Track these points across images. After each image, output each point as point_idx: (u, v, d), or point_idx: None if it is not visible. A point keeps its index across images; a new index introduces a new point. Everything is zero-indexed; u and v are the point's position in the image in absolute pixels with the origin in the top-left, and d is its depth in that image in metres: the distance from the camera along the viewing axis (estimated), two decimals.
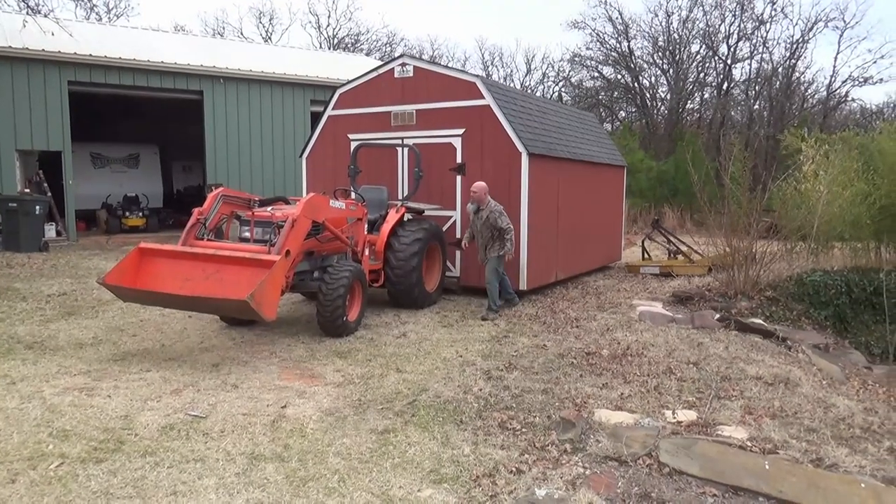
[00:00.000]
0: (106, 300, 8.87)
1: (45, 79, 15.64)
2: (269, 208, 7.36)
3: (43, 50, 15.37)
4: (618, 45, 36.45)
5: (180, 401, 5.14)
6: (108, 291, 6.82)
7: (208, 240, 6.95)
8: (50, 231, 15.58)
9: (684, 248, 12.67)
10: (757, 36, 32.89)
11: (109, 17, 36.61)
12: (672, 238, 13.05)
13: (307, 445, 4.36)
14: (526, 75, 45.67)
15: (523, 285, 9.38)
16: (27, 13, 15.65)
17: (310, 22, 63.49)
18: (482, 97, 9.36)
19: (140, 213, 19.29)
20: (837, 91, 32.75)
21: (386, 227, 8.54)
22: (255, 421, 4.75)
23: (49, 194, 15.84)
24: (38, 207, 14.03)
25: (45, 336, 7.11)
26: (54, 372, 5.82)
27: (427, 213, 9.35)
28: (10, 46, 15.08)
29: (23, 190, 15.35)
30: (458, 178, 9.64)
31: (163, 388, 5.43)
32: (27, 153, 16.08)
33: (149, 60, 16.85)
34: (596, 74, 38.51)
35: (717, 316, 8.21)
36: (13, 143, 15.38)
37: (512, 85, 41.54)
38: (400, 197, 9.72)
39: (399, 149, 10.01)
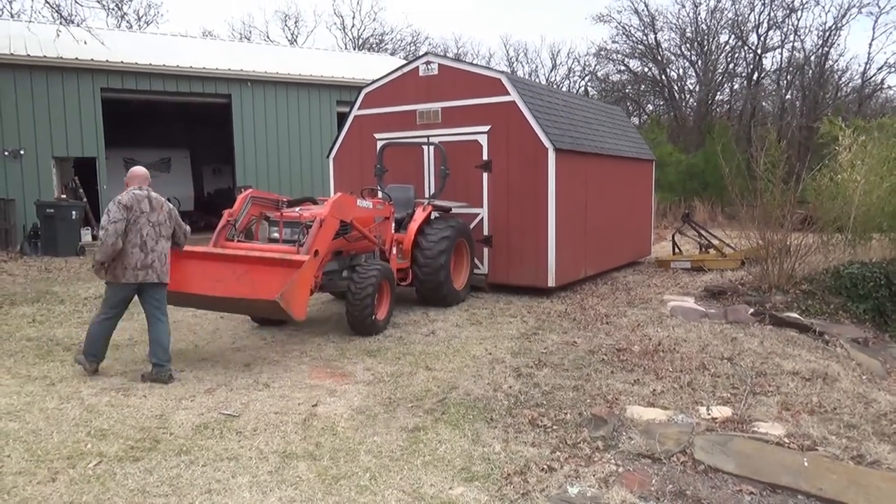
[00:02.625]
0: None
1: (79, 86, 16.00)
2: (297, 209, 7.42)
3: (76, 58, 15.72)
4: (644, 38, 36.06)
5: (213, 400, 5.21)
6: None
7: (238, 241, 7.03)
8: (86, 235, 15.94)
9: (716, 242, 12.46)
10: (788, 24, 32.25)
11: (139, 25, 37.35)
12: (703, 232, 12.84)
13: (338, 443, 4.39)
14: (551, 70, 45.44)
15: (552, 282, 9.31)
16: (60, 23, 16.02)
17: (335, 23, 63.97)
18: (507, 93, 9.31)
19: None
20: (872, 79, 31.97)
21: (413, 226, 8.55)
22: (287, 419, 4.79)
23: (84, 200, 16.23)
24: (74, 213, 14.37)
25: (82, 338, 7.24)
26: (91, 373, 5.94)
27: (454, 210, 9.33)
28: (45, 56, 15.47)
29: (59, 196, 15.75)
30: (485, 175, 9.61)
31: (196, 388, 5.51)
32: (63, 160, 16.48)
33: (178, 66, 17.13)
34: (622, 68, 38.15)
35: (751, 310, 8.05)
36: (50, 150, 15.77)
37: (537, 81, 41.30)
38: (426, 195, 9.73)
39: (425, 147, 10.01)
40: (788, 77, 33.03)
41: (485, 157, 9.58)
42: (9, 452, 4.21)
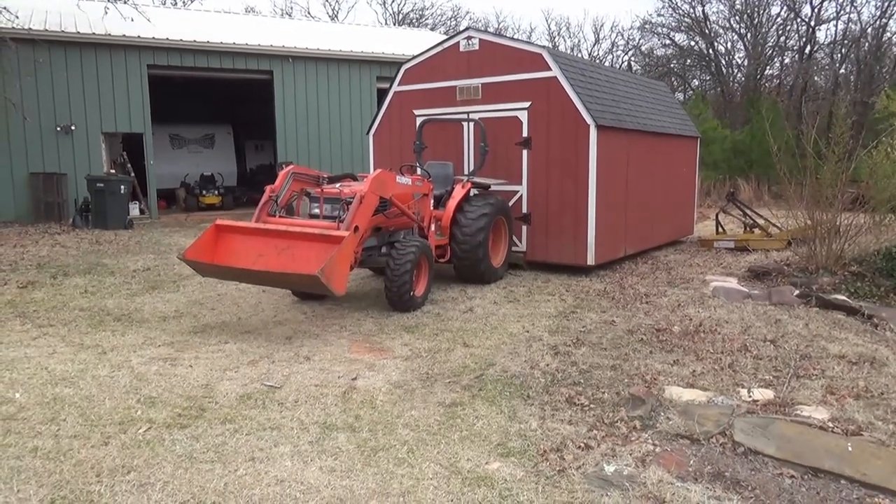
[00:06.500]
0: (186, 275, 9.29)
1: (127, 63, 16.34)
2: (337, 185, 7.49)
3: (124, 35, 16.03)
4: (691, 10, 34.97)
5: (256, 371, 5.35)
6: (188, 267, 7.15)
7: (280, 216, 7.14)
8: (134, 209, 16.42)
9: (761, 222, 12.15)
10: None
11: (183, 2, 37.79)
12: (748, 211, 12.53)
13: (377, 416, 4.47)
14: (594, 45, 44.57)
15: (591, 260, 9.23)
16: (108, 0, 16.33)
17: None
18: (549, 69, 9.17)
19: (216, 192, 20.01)
20: None
21: (452, 203, 8.55)
22: (327, 392, 4.90)
23: (132, 174, 16.68)
24: (122, 187, 14.79)
25: (131, 309, 7.52)
26: (140, 343, 6.16)
27: (493, 188, 9.30)
28: (93, 33, 15.81)
29: (108, 171, 16.22)
30: (525, 152, 9.53)
31: (240, 360, 5.66)
32: (112, 136, 16.91)
33: (221, 42, 17.33)
34: (668, 42, 37.14)
35: (797, 292, 7.86)
36: (99, 126, 16.19)
37: (579, 55, 40.53)
38: (466, 172, 9.70)
39: (464, 123, 9.96)
40: (843, 50, 31.69)
41: (525, 133, 9.49)
42: (65, 416, 4.41)
